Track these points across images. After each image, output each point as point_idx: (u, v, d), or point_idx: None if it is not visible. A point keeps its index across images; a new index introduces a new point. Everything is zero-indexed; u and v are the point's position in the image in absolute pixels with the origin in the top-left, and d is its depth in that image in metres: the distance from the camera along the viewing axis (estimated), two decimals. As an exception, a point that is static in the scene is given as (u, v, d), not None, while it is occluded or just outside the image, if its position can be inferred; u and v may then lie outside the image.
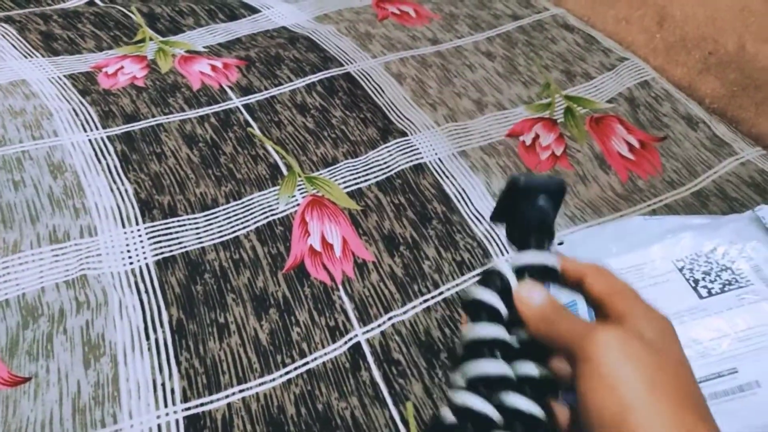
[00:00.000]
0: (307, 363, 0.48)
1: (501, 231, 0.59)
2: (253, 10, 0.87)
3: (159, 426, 0.42)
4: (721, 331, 0.38)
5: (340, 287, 0.53)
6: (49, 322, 0.46)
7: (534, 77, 0.77)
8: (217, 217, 0.57)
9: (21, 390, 0.42)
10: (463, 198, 0.61)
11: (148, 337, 0.47)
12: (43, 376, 0.43)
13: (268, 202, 0.59)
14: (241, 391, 0.45)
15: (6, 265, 0.50)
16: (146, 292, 0.50)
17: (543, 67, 0.79)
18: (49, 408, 0.42)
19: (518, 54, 0.81)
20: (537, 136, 0.69)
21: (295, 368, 0.47)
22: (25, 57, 0.74)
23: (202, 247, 0.54)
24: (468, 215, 0.60)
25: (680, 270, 0.42)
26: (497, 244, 0.57)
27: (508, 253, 0.57)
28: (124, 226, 0.54)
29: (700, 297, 0.40)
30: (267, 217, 0.58)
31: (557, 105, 0.74)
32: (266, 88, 0.72)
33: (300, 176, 0.62)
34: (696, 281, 0.41)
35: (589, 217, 0.61)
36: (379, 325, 0.50)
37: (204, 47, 0.78)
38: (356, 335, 0.50)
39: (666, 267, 0.43)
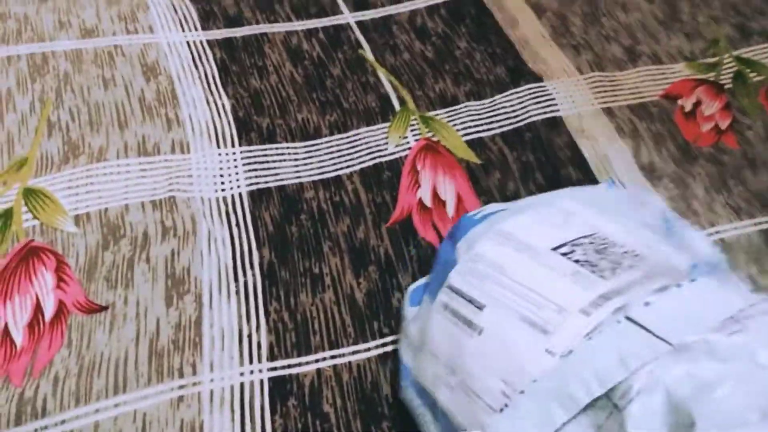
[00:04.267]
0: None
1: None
2: None
3: (242, 384, 0.37)
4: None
5: (451, 253, 0.45)
6: (131, 246, 0.42)
7: (699, 29, 0.64)
8: (318, 149, 0.50)
9: (96, 320, 0.38)
10: (604, 166, 0.52)
11: (236, 279, 0.41)
12: (120, 308, 0.39)
13: (376, 141, 0.51)
14: (332, 357, 0.39)
15: (90, 174, 0.45)
16: (237, 225, 0.44)
17: (711, 18, 0.65)
18: (125, 346, 0.37)
19: (683, -2, 0.67)
20: (699, 102, 0.57)
21: (394, 341, 0.41)
22: (124, -62, 0.67)
23: (300, 183, 0.48)
24: (608, 189, 0.50)
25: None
26: (641, 229, 0.48)
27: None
28: (219, 146, 0.48)
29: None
30: (374, 158, 0.50)
31: (726, 67, 0.61)
32: (383, 5, 0.63)
33: (414, 114, 0.53)
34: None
35: (757, 211, 0.50)
36: (493, 306, 0.43)
37: (317, -52, 0.69)
38: (466, 313, 0.42)
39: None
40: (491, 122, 0.54)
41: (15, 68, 0.51)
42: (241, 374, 0.38)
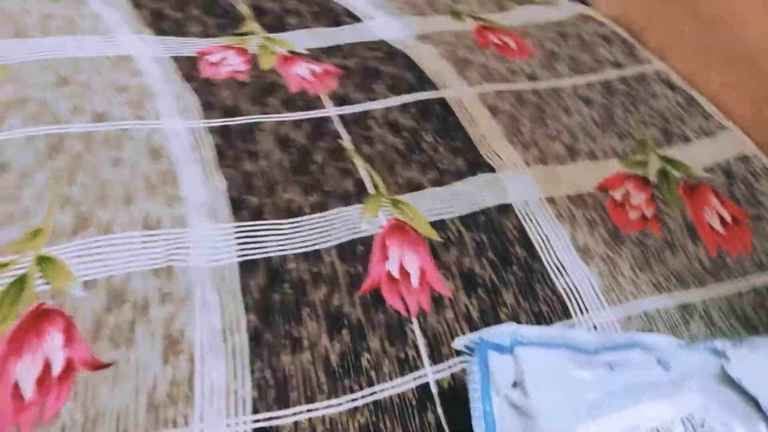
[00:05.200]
0: (374, 393, 0.47)
1: (582, 288, 0.57)
2: (356, 19, 0.87)
3: (228, 435, 0.42)
4: None
5: (414, 320, 0.52)
6: (132, 310, 0.47)
7: (630, 131, 0.75)
8: (301, 226, 0.57)
9: (101, 376, 0.43)
10: (546, 246, 0.60)
11: (225, 340, 0.47)
12: (122, 365, 0.44)
13: (351, 219, 0.59)
14: (309, 410, 0.45)
15: (99, 245, 0.51)
16: (228, 293, 0.50)
17: (641, 122, 0.77)
18: (126, 399, 0.42)
19: (616, 104, 0.79)
20: (628, 194, 0.67)
21: (363, 396, 0.47)
22: (135, 33, 0.76)
23: (284, 256, 0.54)
24: (549, 265, 0.58)
25: None
26: (577, 301, 0.56)
27: (587, 311, 0.55)
28: (214, 222, 0.55)
29: None
30: (349, 234, 0.57)
31: (652, 164, 0.72)
32: (361, 101, 0.72)
33: (385, 197, 0.61)
34: None
35: (674, 288, 0.58)
36: (449, 367, 0.49)
37: (306, 49, 0.79)
38: (425, 374, 0.49)
39: None
40: (452, 206, 0.62)
41: (34, 148, 0.57)
42: (227, 425, 0.43)
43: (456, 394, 0.48)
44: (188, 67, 0.72)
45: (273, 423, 0.44)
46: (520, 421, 0.40)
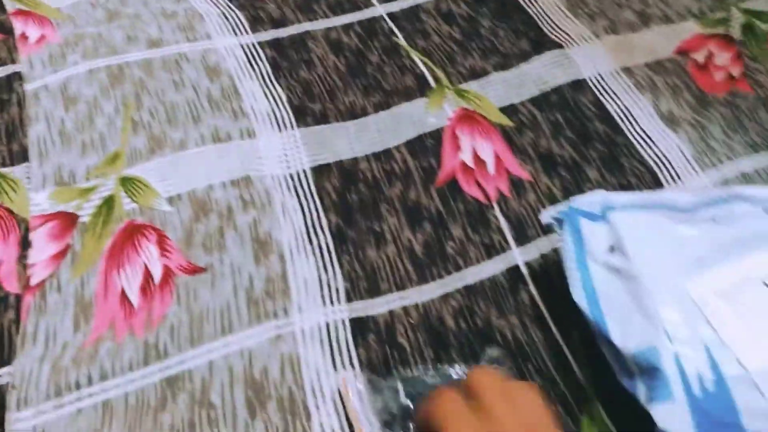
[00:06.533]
0: (463, 277, 0.47)
1: (671, 156, 0.54)
2: None
3: (327, 324, 0.43)
4: None
5: (495, 205, 0.51)
6: (219, 218, 0.48)
7: (708, -12, 0.68)
8: (367, 126, 0.56)
9: (199, 279, 0.45)
10: (627, 118, 0.56)
11: (311, 241, 0.48)
12: (218, 268, 0.45)
13: (417, 114, 0.57)
14: (400, 298, 0.45)
15: (176, 162, 0.51)
16: (305, 197, 0.50)
17: (719, -24, 0.69)
18: (226, 298, 0.44)
19: (689, -39, 0.71)
20: (711, 55, 0.62)
21: (452, 281, 0.46)
22: (171, -40, 0.74)
23: (355, 158, 0.54)
24: (634, 137, 0.55)
25: None
26: (667, 170, 0.53)
27: (680, 179, 0.52)
28: (280, 130, 0.55)
29: None
30: (417, 129, 0.56)
31: (734, 20, 0.65)
32: (409, -5, 0.68)
33: (448, 89, 0.59)
34: None
35: (774, 146, 0.54)
36: (538, 248, 0.48)
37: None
38: (513, 256, 0.48)
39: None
40: (520, 89, 0.59)
41: (97, 79, 0.58)
42: (325, 314, 0.44)
43: (547, 273, 0.47)
44: (230, -14, 0.70)
45: (368, 312, 0.44)
46: (623, 284, 0.39)
